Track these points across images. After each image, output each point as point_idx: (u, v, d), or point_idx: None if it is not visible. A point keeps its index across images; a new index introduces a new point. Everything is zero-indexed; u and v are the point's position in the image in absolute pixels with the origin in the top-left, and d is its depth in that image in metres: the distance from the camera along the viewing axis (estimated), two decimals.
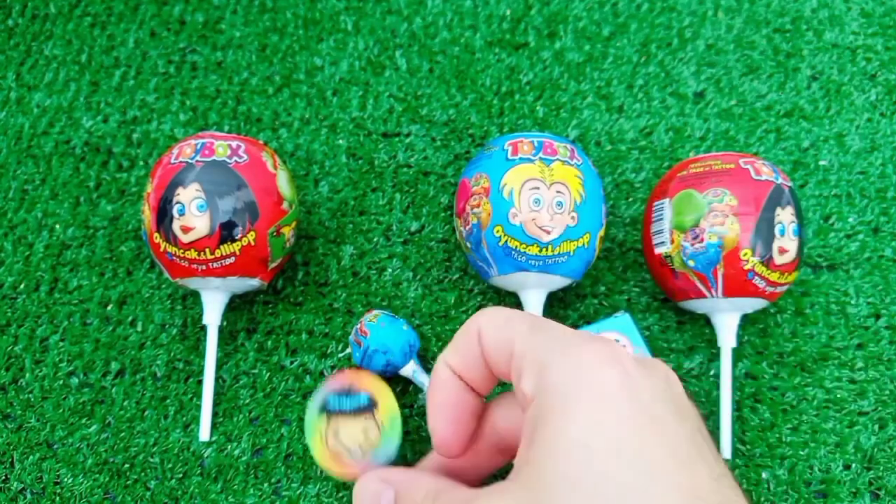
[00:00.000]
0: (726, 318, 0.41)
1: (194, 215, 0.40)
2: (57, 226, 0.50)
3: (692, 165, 0.41)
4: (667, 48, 0.55)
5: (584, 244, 0.41)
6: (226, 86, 0.55)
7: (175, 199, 0.40)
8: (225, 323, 0.46)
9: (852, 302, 0.46)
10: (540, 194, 0.40)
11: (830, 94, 0.53)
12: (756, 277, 0.39)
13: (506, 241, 0.40)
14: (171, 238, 0.40)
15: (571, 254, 0.40)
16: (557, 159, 0.41)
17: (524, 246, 0.40)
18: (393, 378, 0.43)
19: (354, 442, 0.38)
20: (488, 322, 0.24)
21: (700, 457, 0.19)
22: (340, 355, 0.45)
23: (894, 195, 0.50)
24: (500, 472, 0.34)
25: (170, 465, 0.42)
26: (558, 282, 0.42)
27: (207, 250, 0.40)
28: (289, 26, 0.57)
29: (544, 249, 0.40)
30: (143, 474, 0.42)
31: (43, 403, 0.44)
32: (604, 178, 0.50)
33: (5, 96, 0.55)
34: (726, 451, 0.41)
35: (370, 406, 0.39)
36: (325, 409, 0.39)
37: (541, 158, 0.40)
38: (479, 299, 0.47)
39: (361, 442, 0.38)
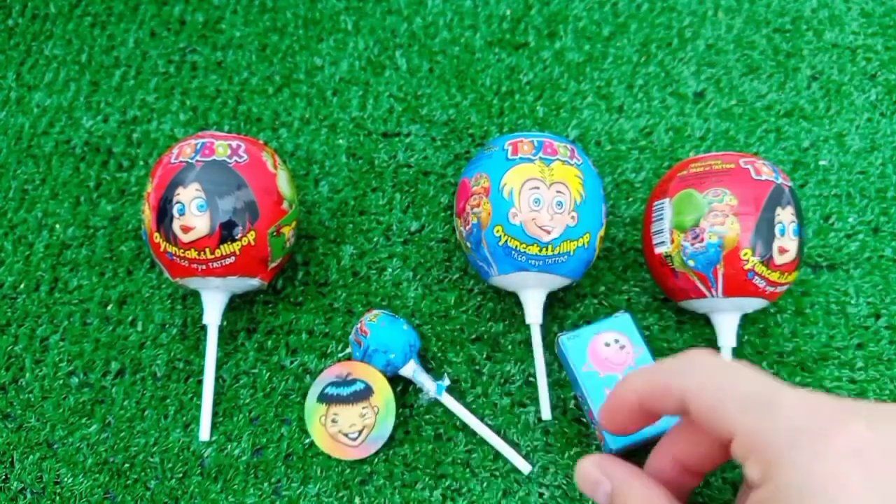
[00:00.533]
0: (726, 318, 0.41)
1: (194, 215, 0.40)
2: (57, 226, 0.50)
3: (692, 165, 0.41)
4: (667, 48, 0.55)
5: (584, 244, 0.41)
6: (226, 86, 0.55)
7: (175, 199, 0.40)
8: (225, 323, 0.46)
9: (852, 302, 0.46)
10: (540, 194, 0.40)
11: (830, 94, 0.53)
12: (756, 277, 0.39)
13: (506, 241, 0.40)
14: (171, 238, 0.40)
15: (571, 254, 0.40)
16: (557, 159, 0.41)
17: (524, 246, 0.40)
18: (393, 378, 0.43)
19: (352, 426, 0.40)
20: (700, 387, 0.22)
21: None
22: (340, 355, 0.45)
23: (894, 195, 0.50)
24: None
25: (170, 465, 0.42)
26: (558, 282, 0.42)
27: (207, 250, 0.40)
28: (289, 26, 0.57)
29: (544, 249, 0.40)
30: (143, 474, 0.42)
31: (43, 403, 0.44)
32: (604, 177, 0.50)
33: (5, 96, 0.55)
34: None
35: (366, 392, 0.41)
36: (324, 397, 0.41)
37: (541, 158, 0.40)
38: (479, 299, 0.47)
39: (358, 426, 0.40)
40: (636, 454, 0.40)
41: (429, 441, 0.42)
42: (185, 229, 0.40)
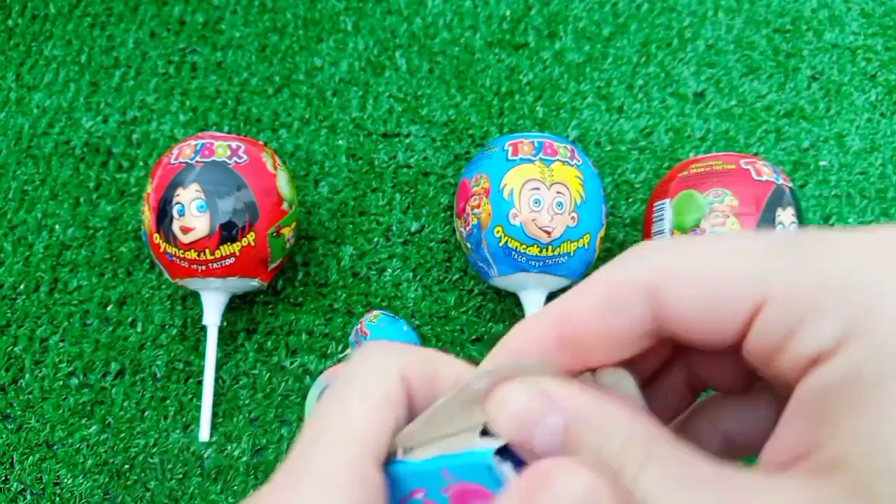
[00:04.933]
0: None
1: (194, 216, 0.40)
2: (57, 226, 0.50)
3: (693, 166, 0.41)
4: (667, 48, 0.55)
5: (584, 245, 0.41)
6: (226, 86, 0.55)
7: (175, 200, 0.40)
8: (225, 323, 0.46)
9: None
10: (540, 195, 0.40)
11: (830, 94, 0.53)
12: None
13: (506, 242, 0.40)
14: (171, 238, 0.40)
15: (571, 254, 0.40)
16: (557, 160, 0.41)
17: (524, 246, 0.40)
18: None
19: None
20: (679, 269, 0.15)
21: None
22: (340, 356, 0.45)
23: (894, 195, 0.50)
24: None
25: (170, 466, 0.42)
26: (558, 282, 0.42)
27: (207, 251, 0.40)
28: (289, 26, 0.57)
29: (544, 250, 0.40)
30: (142, 475, 0.42)
31: (43, 404, 0.44)
32: (604, 178, 0.50)
33: (5, 96, 0.55)
34: None
35: None
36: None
37: (541, 159, 0.40)
38: (479, 300, 0.47)
39: None
40: None
41: None
42: (185, 230, 0.40)
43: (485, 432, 0.17)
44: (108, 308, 0.47)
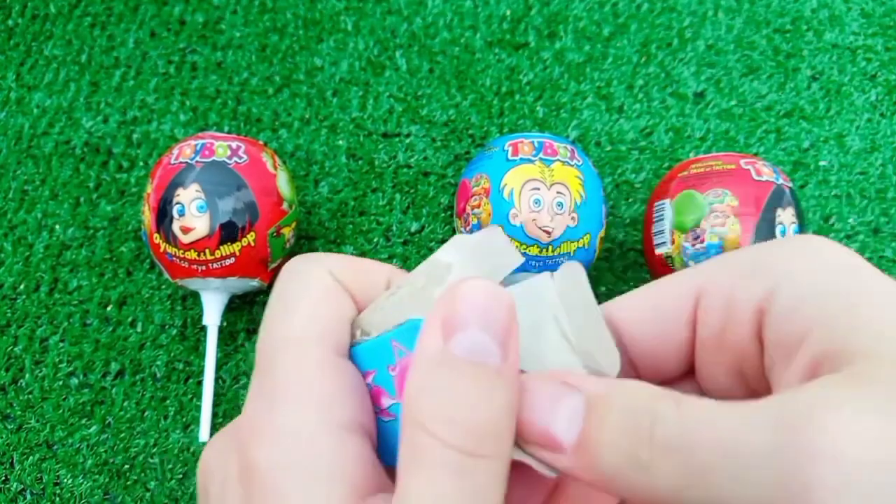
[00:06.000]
0: None
1: (194, 216, 0.40)
2: (57, 226, 0.50)
3: (693, 166, 0.41)
4: (667, 48, 0.55)
5: (584, 245, 0.41)
6: (226, 86, 0.55)
7: (175, 200, 0.40)
8: (225, 323, 0.46)
9: None
10: (540, 195, 0.40)
11: (830, 95, 0.53)
12: None
13: None
14: (171, 238, 0.40)
15: (572, 254, 0.40)
16: (558, 160, 0.41)
17: (524, 247, 0.40)
18: None
19: None
20: (624, 299, 0.17)
21: None
22: None
23: (894, 195, 0.50)
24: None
25: (170, 466, 0.42)
26: None
27: (207, 251, 0.40)
28: (289, 26, 0.57)
29: (544, 250, 0.40)
30: (142, 475, 0.42)
31: (43, 404, 0.44)
32: (604, 178, 0.50)
33: (5, 96, 0.55)
34: None
35: None
36: None
37: (541, 159, 0.40)
38: None
39: None
40: None
41: None
42: (185, 230, 0.40)
43: None
44: (108, 308, 0.47)
